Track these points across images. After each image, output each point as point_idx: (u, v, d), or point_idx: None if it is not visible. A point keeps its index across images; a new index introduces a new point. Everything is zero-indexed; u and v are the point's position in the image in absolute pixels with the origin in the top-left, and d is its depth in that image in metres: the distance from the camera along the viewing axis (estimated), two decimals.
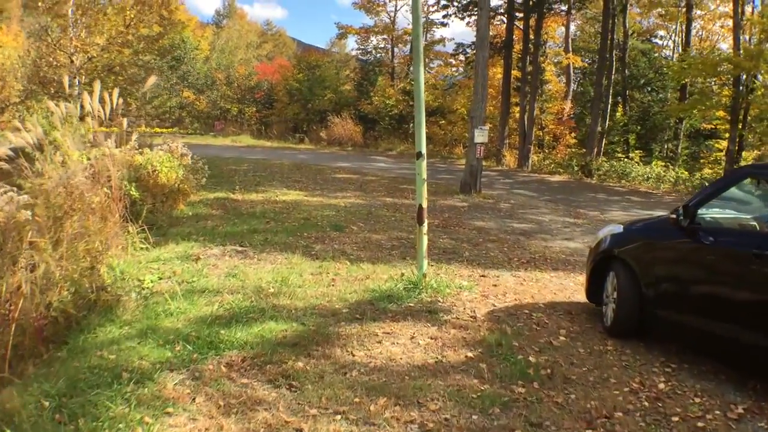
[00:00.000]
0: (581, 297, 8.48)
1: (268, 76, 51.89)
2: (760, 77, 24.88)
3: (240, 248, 10.22)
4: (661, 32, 45.85)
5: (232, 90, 51.93)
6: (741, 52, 23.27)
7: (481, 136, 19.34)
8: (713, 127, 36.38)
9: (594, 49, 43.31)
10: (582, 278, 9.79)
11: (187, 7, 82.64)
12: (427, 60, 46.97)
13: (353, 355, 5.89)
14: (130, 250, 9.36)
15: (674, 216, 6.25)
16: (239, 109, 51.33)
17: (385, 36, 49.74)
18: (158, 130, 38.69)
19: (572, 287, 9.33)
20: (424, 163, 8.25)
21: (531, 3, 31.49)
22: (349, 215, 14.32)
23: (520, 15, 32.71)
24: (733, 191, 6.60)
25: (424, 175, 8.24)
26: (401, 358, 5.88)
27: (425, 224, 8.27)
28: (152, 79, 11.10)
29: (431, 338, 6.45)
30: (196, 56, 54.16)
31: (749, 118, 25.94)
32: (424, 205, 8.27)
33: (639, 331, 6.77)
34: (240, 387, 5.16)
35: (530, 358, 5.99)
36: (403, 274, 8.68)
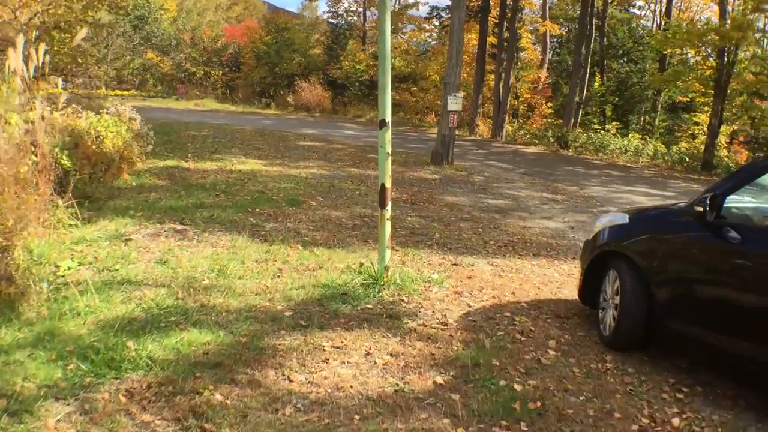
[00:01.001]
0: (569, 292, 7.35)
1: (236, 38, 49.87)
2: (740, 51, 23.80)
3: (180, 227, 8.90)
4: (640, 2, 44.70)
5: (198, 52, 50.00)
6: (728, 22, 22.11)
7: (454, 103, 18.10)
8: (689, 100, 35.47)
9: (571, 17, 42.23)
10: (567, 267, 8.73)
11: None
12: (399, 24, 45.56)
13: (290, 381, 4.63)
14: (55, 228, 8.02)
15: (700, 208, 5.04)
16: (205, 72, 49.45)
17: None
18: (118, 92, 36.93)
19: (557, 279, 8.16)
20: (389, 134, 6.94)
21: None
22: (309, 188, 13.09)
23: None
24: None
25: (389, 148, 6.90)
26: (352, 386, 4.63)
27: (389, 207, 6.97)
28: (82, 33, 9.64)
29: (391, 355, 5.21)
30: (160, 16, 51.84)
31: (728, 92, 24.87)
32: (388, 184, 6.93)
33: (644, 343, 5.62)
34: (138, 428, 3.91)
35: (515, 386, 4.77)
36: (362, 264, 7.45)
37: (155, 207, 10.01)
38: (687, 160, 24.47)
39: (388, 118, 6.79)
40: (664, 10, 39.05)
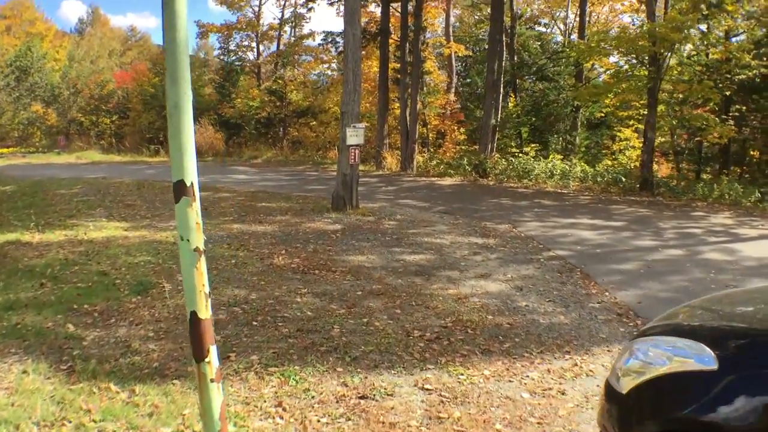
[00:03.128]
0: None
1: (126, 83, 46.13)
2: (673, 56, 21.51)
3: None
4: (545, 20, 42.72)
5: (84, 101, 46.18)
6: (660, 23, 19.64)
7: (354, 136, 15.04)
8: (604, 115, 33.30)
9: (476, 39, 39.92)
10: (537, 375, 5.65)
11: (48, 15, 76.10)
12: (295, 57, 42.60)
13: None
14: None
15: None
16: (92, 121, 45.62)
17: (249, 33, 44.49)
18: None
19: (529, 408, 5.03)
20: (195, 209, 3.54)
21: None
22: (170, 260, 9.90)
23: None
24: None
25: (197, 239, 3.44)
26: None
27: (212, 357, 3.33)
28: None
29: None
30: (43, 66, 47.60)
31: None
32: (204, 313, 3.27)
33: None
34: None
35: None
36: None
37: None
38: (623, 179, 21.93)
39: (193, 178, 3.45)
40: (575, 23, 37.12)
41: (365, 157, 31.39)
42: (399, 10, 29.02)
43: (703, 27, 21.64)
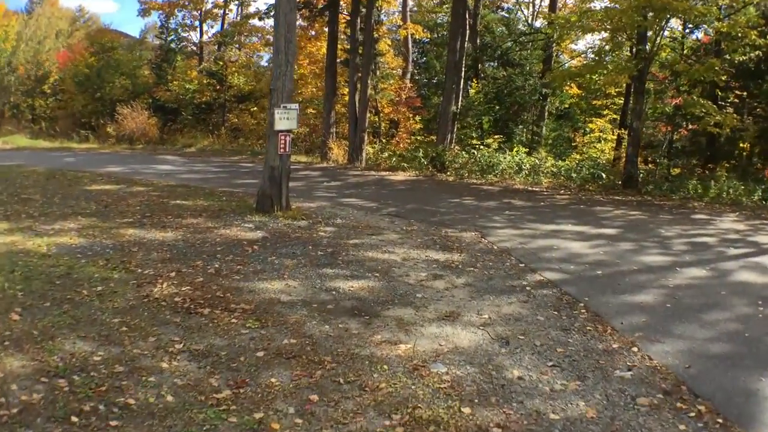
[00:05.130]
0: None
1: (67, 64, 42.48)
2: (669, 30, 18.80)
3: None
4: (508, 5, 39.86)
5: (20, 81, 42.59)
6: None
7: (285, 119, 11.98)
8: (568, 107, 30.64)
9: (434, 23, 36.84)
10: None
11: None
12: (241, 38, 39.28)
13: None
14: None
15: None
16: (27, 104, 42.06)
17: (193, 11, 40.70)
18: None
19: None
20: None
21: None
22: (20, 284, 7.08)
23: None
24: None
25: None
26: None
27: None
28: None
29: None
30: None
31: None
32: None
33: None
34: None
35: None
36: None
37: None
38: (603, 176, 19.13)
39: None
40: (541, 9, 34.37)
41: (310, 147, 28.34)
42: None
43: None
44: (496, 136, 24.48)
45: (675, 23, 20.08)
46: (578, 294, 7.60)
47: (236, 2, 40.20)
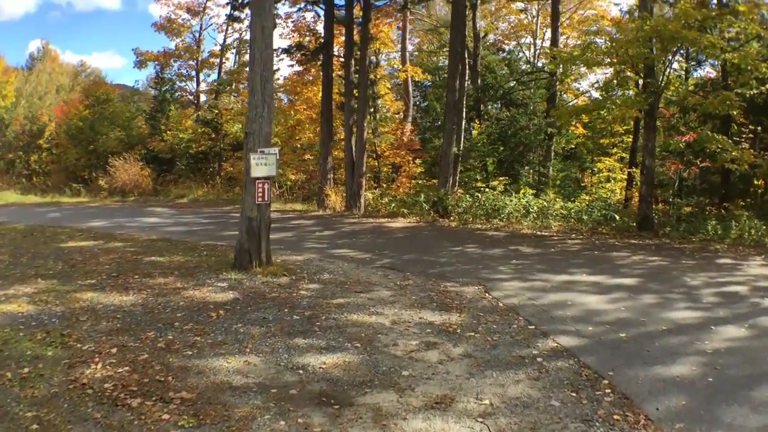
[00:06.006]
0: None
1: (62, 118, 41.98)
2: (675, 64, 17.66)
3: None
4: (509, 46, 38.99)
5: (15, 135, 41.92)
6: (663, 21, 15.63)
7: (263, 165, 10.81)
8: (574, 147, 29.42)
9: (434, 66, 35.84)
10: None
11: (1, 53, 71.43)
12: (239, 86, 38.38)
13: None
14: None
15: None
16: (20, 158, 41.38)
17: (189, 61, 39.86)
18: None
19: None
20: None
21: None
22: None
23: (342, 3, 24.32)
24: None
25: None
26: None
27: None
28: None
29: None
30: None
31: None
32: None
33: None
34: None
35: None
36: None
37: None
38: (617, 217, 17.83)
39: None
40: (543, 50, 33.35)
41: (308, 195, 27.14)
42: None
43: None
44: (501, 178, 23.27)
45: (678, 61, 18.96)
46: (600, 366, 6.28)
47: (233, 51, 39.42)
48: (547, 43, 31.94)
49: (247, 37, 34.93)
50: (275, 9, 11.47)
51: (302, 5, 26.30)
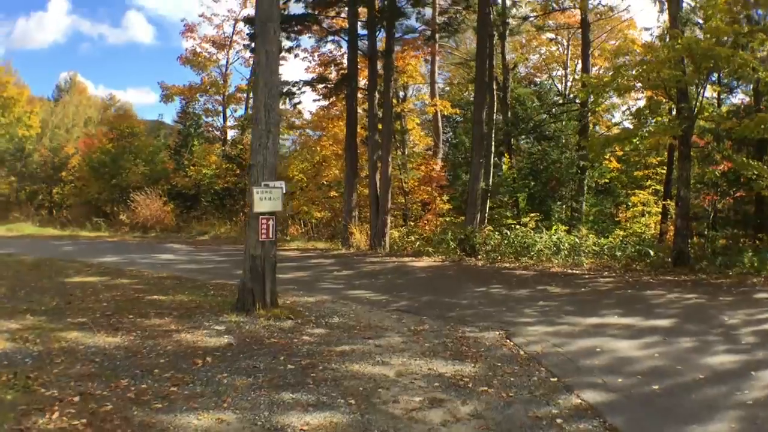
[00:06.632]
0: None
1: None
2: (708, 91, 16.77)
3: None
4: (539, 79, 38.30)
5: (38, 167, 41.87)
6: (694, 39, 14.80)
7: (267, 199, 10.09)
8: (608, 181, 28.47)
9: (466, 101, 35.07)
10: None
11: (25, 80, 71.93)
12: None
13: None
14: None
15: None
16: (42, 191, 41.24)
17: (215, 96, 39.52)
18: None
19: None
20: None
21: (378, 16, 22.73)
22: None
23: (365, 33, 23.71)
24: None
25: None
26: None
27: None
28: None
29: None
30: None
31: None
32: None
33: None
34: None
35: None
36: None
37: None
38: (651, 254, 16.84)
39: None
40: (573, 82, 32.56)
41: (333, 233, 26.34)
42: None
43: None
44: (532, 214, 22.37)
45: (711, 84, 18.06)
46: (629, 428, 5.41)
47: None
48: (579, 76, 31.18)
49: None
50: (279, 34, 10.75)
51: (326, 37, 25.75)
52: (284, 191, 10.44)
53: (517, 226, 20.57)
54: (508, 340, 8.63)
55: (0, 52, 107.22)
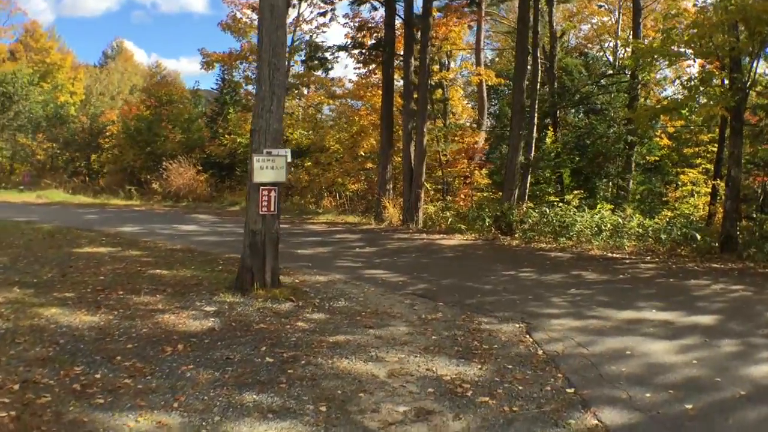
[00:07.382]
0: None
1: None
2: (761, 66, 15.52)
3: None
4: (591, 52, 36.66)
5: (73, 134, 41.49)
6: None
7: (269, 168, 9.17)
8: (658, 159, 26.92)
9: (511, 73, 33.56)
10: None
11: (70, 47, 72.22)
12: (303, 90, 37.05)
13: None
14: None
15: None
16: (81, 158, 41.41)
17: (254, 63, 38.53)
18: None
19: None
20: None
21: None
22: None
23: None
24: None
25: None
26: None
27: None
28: None
29: None
30: (29, 93, 42.51)
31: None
32: None
33: None
34: None
35: None
36: None
37: None
38: (698, 237, 15.59)
39: None
40: (626, 54, 30.92)
41: (367, 206, 25.35)
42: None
43: None
44: (576, 192, 21.10)
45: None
46: None
47: (300, 53, 37.82)
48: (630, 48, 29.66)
49: (318, 39, 33.86)
50: None
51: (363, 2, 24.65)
52: (289, 160, 9.47)
53: (560, 204, 19.35)
54: (527, 336, 7.62)
55: (50, 19, 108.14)
